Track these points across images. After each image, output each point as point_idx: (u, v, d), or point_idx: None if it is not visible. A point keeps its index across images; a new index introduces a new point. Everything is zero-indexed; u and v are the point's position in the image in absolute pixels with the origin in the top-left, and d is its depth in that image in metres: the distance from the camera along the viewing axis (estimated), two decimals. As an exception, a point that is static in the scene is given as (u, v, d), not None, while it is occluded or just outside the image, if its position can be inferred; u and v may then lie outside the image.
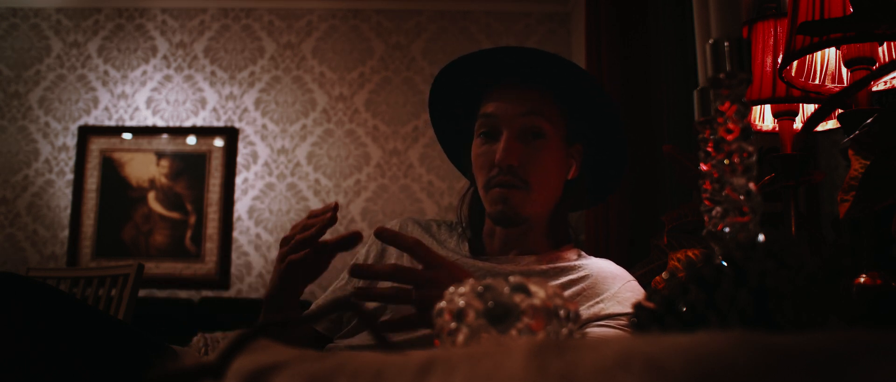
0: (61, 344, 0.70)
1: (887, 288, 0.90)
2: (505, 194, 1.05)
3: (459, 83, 1.15)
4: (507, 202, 1.05)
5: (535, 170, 1.05)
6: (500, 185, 1.05)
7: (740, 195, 0.50)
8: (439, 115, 1.21)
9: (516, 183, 1.04)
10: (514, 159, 1.04)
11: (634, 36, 2.69)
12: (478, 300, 0.47)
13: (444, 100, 1.19)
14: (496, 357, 0.29)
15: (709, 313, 0.41)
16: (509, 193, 1.04)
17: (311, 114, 4.14)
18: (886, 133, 0.82)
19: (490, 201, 1.07)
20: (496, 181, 1.05)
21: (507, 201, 1.05)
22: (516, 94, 1.07)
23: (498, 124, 1.06)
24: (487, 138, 1.08)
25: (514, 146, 1.04)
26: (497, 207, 1.06)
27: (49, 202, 4.09)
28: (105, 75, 4.19)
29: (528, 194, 1.05)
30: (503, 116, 1.06)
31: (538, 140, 1.06)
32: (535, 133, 1.05)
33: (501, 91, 1.08)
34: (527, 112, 1.05)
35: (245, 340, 0.37)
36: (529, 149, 1.05)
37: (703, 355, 0.25)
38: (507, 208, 1.05)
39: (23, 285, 0.73)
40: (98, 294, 1.81)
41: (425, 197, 4.04)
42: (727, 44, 0.52)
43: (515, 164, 1.04)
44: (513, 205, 1.05)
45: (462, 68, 1.13)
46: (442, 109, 1.20)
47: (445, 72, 1.14)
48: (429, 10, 4.21)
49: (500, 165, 1.04)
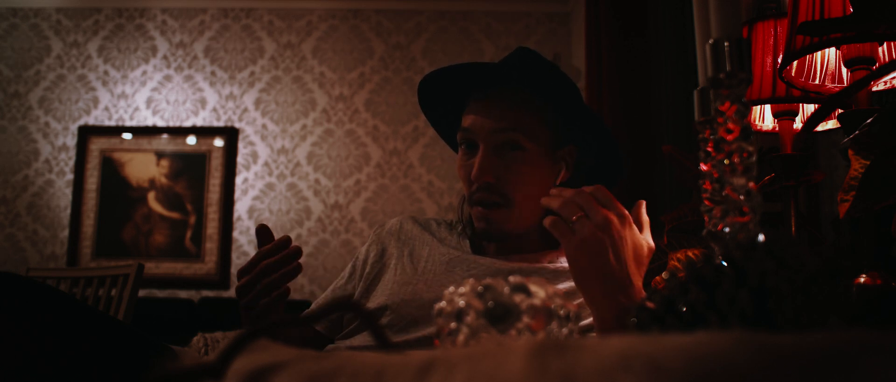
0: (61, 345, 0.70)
1: (887, 288, 0.90)
2: (485, 214, 1.03)
3: (442, 94, 1.13)
4: (488, 222, 1.04)
5: (514, 184, 1.03)
6: (480, 203, 1.03)
7: (740, 195, 0.50)
8: (436, 121, 1.21)
9: (496, 200, 1.03)
10: (490, 176, 1.02)
11: (634, 36, 2.69)
12: (478, 300, 0.47)
13: (433, 107, 1.18)
14: (496, 357, 0.29)
15: (709, 313, 0.41)
16: (490, 212, 1.03)
17: (311, 114, 4.14)
18: (886, 133, 0.82)
19: (474, 218, 1.06)
20: (476, 198, 1.04)
21: (489, 220, 1.03)
22: (491, 106, 1.04)
23: (474, 139, 1.04)
24: (467, 153, 1.06)
25: (489, 162, 1.02)
26: (480, 225, 1.05)
27: (49, 202, 4.09)
28: (105, 75, 4.20)
29: (509, 210, 1.03)
30: (479, 132, 1.03)
31: (516, 153, 1.03)
32: (512, 146, 1.03)
33: (478, 104, 1.06)
34: (502, 128, 1.02)
35: (245, 340, 0.37)
36: (506, 162, 1.02)
37: (703, 355, 0.25)
38: (490, 227, 1.04)
39: (23, 285, 0.73)
40: (98, 294, 1.81)
41: (425, 197, 4.04)
42: (727, 44, 0.52)
43: (492, 181, 1.02)
44: (495, 224, 1.04)
45: (438, 82, 1.11)
46: (435, 115, 1.20)
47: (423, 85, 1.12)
48: (429, 10, 4.21)
49: (476, 181, 1.02)
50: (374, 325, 0.43)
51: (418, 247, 1.13)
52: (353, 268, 1.17)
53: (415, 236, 1.15)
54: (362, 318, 0.59)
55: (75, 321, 0.74)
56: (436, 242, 1.13)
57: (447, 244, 1.13)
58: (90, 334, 0.74)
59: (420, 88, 1.14)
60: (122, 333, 0.78)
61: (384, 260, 1.14)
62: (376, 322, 0.95)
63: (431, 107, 1.18)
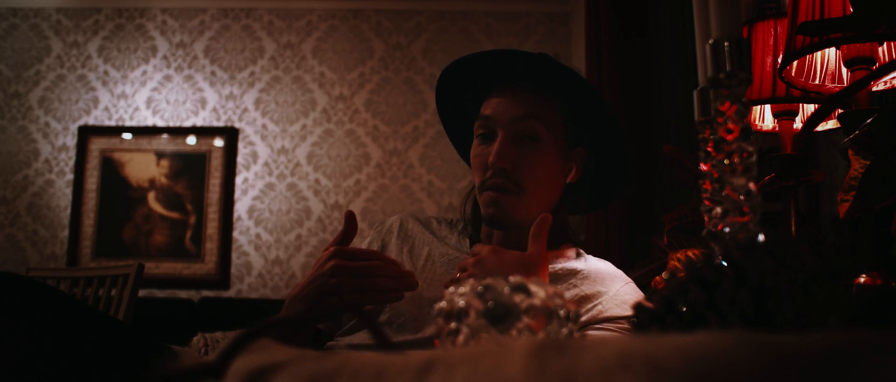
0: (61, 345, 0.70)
1: (887, 288, 0.90)
2: (496, 198, 1.04)
3: (463, 82, 1.15)
4: (498, 206, 1.04)
5: (529, 174, 1.04)
6: (493, 188, 1.04)
7: (740, 195, 0.50)
8: (448, 111, 1.21)
9: (509, 187, 1.04)
10: (506, 162, 1.03)
11: (635, 36, 2.69)
12: (478, 300, 0.47)
13: (451, 96, 1.19)
14: (496, 357, 0.29)
15: (709, 313, 0.41)
16: (501, 197, 1.04)
17: (311, 114, 4.14)
18: (886, 133, 0.82)
19: (483, 204, 1.07)
20: (489, 184, 1.04)
21: (499, 204, 1.04)
22: (513, 96, 1.06)
23: (494, 126, 1.06)
24: (484, 140, 1.07)
25: (507, 149, 1.03)
26: (489, 210, 1.05)
27: (49, 202, 4.09)
28: (105, 75, 4.19)
29: (520, 198, 1.04)
30: (499, 119, 1.05)
31: (533, 143, 1.05)
32: (530, 136, 1.05)
33: (500, 93, 1.08)
34: (522, 116, 1.04)
35: (245, 340, 0.37)
36: (523, 152, 1.04)
37: (703, 355, 0.25)
38: (498, 212, 1.05)
39: (23, 285, 0.73)
40: (98, 294, 1.81)
41: (425, 197, 4.04)
42: (727, 44, 0.52)
43: (508, 167, 1.03)
44: (504, 209, 1.04)
45: (465, 67, 1.13)
46: (450, 104, 1.20)
47: (450, 70, 1.14)
48: (429, 10, 4.21)
49: (492, 167, 1.03)
50: (373, 325, 0.43)
51: (418, 245, 1.13)
52: None
53: (415, 235, 1.15)
54: (362, 318, 0.59)
55: (75, 321, 0.74)
56: (436, 241, 1.13)
57: (447, 243, 1.13)
58: (90, 334, 0.74)
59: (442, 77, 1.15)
60: (122, 333, 0.78)
61: (385, 254, 1.14)
62: (376, 322, 0.95)
63: (450, 95, 1.18)
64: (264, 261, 4.00)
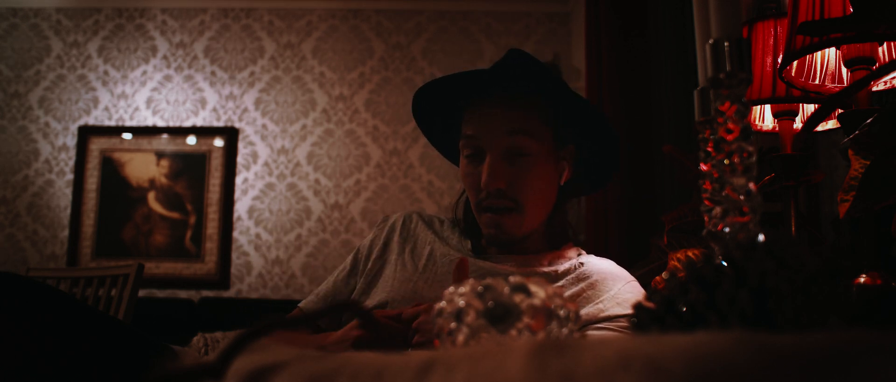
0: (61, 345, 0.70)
1: (887, 288, 0.90)
2: (497, 220, 1.03)
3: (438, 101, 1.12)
4: (500, 227, 1.03)
5: (524, 189, 1.03)
6: (491, 209, 1.03)
7: (740, 195, 0.50)
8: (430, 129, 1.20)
9: (507, 205, 1.02)
10: (501, 182, 1.01)
11: (635, 36, 2.69)
12: (478, 300, 0.47)
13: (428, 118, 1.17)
14: (496, 357, 0.29)
15: (709, 313, 0.41)
16: (501, 218, 1.03)
17: (311, 114, 4.14)
18: (886, 133, 0.82)
19: (483, 224, 1.06)
20: (486, 205, 1.03)
21: (501, 226, 1.03)
22: (495, 113, 1.04)
23: (480, 145, 1.04)
24: (472, 160, 1.05)
25: (499, 169, 1.02)
26: (490, 231, 1.05)
27: (49, 202, 4.09)
28: (105, 75, 4.19)
29: (521, 216, 1.03)
30: (484, 138, 1.03)
31: (524, 158, 1.03)
32: (519, 152, 1.03)
33: (480, 111, 1.05)
34: (508, 132, 1.02)
35: (245, 340, 0.37)
36: (516, 169, 1.02)
37: (703, 355, 0.25)
38: (500, 233, 1.04)
39: (23, 285, 0.73)
40: (98, 294, 1.81)
41: (425, 197, 4.04)
42: (727, 44, 0.52)
43: (503, 187, 1.02)
44: (506, 229, 1.03)
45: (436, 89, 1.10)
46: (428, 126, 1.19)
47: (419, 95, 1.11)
48: (429, 10, 4.21)
49: (486, 188, 1.02)
50: (373, 324, 0.43)
51: (421, 245, 1.13)
52: (354, 260, 1.17)
53: (418, 233, 1.15)
54: (362, 318, 0.59)
55: (75, 321, 0.74)
56: (438, 240, 1.13)
57: (449, 243, 1.13)
58: (90, 334, 0.74)
59: (415, 101, 1.13)
60: (122, 333, 0.78)
61: (386, 256, 1.14)
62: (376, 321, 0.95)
63: (427, 118, 1.17)
64: (264, 261, 4.00)
